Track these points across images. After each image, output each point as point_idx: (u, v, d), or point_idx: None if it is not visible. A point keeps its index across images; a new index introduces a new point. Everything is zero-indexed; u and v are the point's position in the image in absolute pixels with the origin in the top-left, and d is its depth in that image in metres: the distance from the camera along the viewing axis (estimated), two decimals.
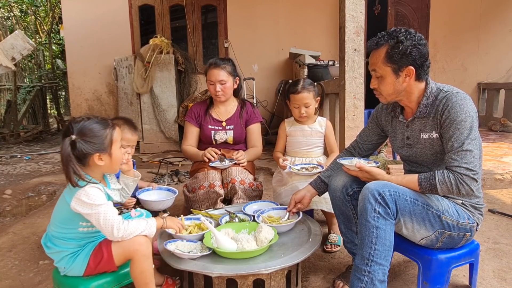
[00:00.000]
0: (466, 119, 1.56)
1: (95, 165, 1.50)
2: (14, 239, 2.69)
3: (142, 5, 6.62)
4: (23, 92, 8.50)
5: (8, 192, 3.82)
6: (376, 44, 1.66)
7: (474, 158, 1.53)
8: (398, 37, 1.61)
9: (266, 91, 6.71)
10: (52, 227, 1.56)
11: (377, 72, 1.68)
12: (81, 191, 1.45)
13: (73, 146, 1.43)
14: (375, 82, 1.72)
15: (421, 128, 1.73)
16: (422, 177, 1.59)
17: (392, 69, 1.64)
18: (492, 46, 7.14)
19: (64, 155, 1.42)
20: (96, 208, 1.45)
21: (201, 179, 2.38)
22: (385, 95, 1.73)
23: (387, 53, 1.62)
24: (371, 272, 1.54)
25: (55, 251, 1.55)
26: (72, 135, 1.43)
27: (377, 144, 2.06)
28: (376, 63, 1.66)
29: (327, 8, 6.71)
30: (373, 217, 1.54)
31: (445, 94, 1.65)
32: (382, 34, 1.67)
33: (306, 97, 2.38)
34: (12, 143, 7.27)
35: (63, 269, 1.56)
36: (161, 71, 5.84)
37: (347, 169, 1.78)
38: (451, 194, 1.58)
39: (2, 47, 4.57)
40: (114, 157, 1.54)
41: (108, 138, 1.50)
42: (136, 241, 1.50)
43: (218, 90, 2.53)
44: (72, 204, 1.45)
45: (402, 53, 1.60)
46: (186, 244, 1.74)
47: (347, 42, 2.93)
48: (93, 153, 1.46)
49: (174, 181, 4.18)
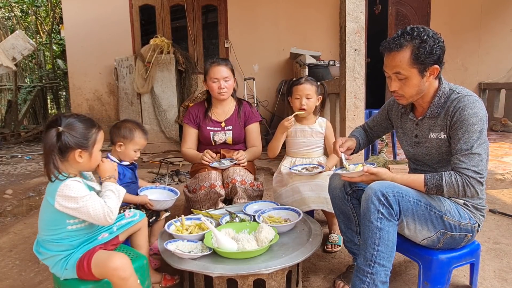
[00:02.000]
0: (476, 122, 1.55)
1: (74, 161, 1.49)
2: (14, 239, 2.69)
3: (143, 5, 6.62)
4: (24, 92, 8.51)
5: (9, 192, 3.82)
6: (399, 46, 1.58)
7: (482, 161, 1.53)
8: (421, 36, 1.56)
9: (266, 91, 6.71)
10: (41, 231, 1.54)
11: (401, 74, 1.61)
12: (62, 186, 1.43)
13: (58, 137, 1.44)
14: (397, 84, 1.66)
15: (430, 127, 1.72)
16: (429, 178, 1.58)
17: (418, 70, 1.59)
18: (492, 46, 7.14)
19: (48, 144, 1.43)
20: (82, 201, 1.43)
21: (201, 180, 2.38)
22: (408, 96, 1.68)
23: (413, 54, 1.56)
24: (374, 273, 1.54)
25: (49, 256, 1.54)
26: (59, 127, 1.44)
27: (385, 133, 2.13)
28: (400, 65, 1.59)
29: (327, 8, 6.70)
30: (376, 218, 1.54)
31: (457, 95, 1.63)
32: (400, 34, 1.60)
33: (309, 89, 2.39)
34: (12, 143, 7.28)
35: (60, 274, 1.54)
36: (161, 71, 5.85)
37: (349, 178, 1.74)
38: (456, 196, 1.58)
39: (3, 47, 4.57)
40: (93, 157, 1.55)
41: (92, 137, 1.52)
42: (111, 267, 1.45)
43: (222, 86, 2.53)
44: (57, 203, 1.44)
45: (429, 53, 1.56)
46: (187, 244, 1.74)
47: (348, 42, 2.93)
48: (75, 148, 1.47)
49: (174, 181, 4.18)
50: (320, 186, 2.25)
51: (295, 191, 2.31)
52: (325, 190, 2.13)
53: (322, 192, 2.23)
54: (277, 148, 2.43)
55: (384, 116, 2.02)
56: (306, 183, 2.29)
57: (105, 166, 1.62)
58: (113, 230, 1.71)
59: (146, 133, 2.17)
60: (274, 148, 2.43)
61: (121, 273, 1.45)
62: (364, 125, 2.18)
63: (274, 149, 2.43)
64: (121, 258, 1.48)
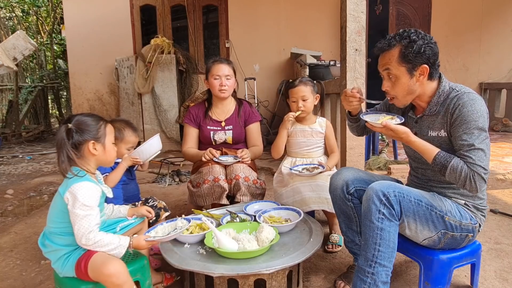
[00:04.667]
0: (477, 119, 1.55)
1: (89, 154, 1.53)
2: (15, 238, 2.70)
3: (144, 5, 6.63)
4: (25, 92, 8.51)
5: (9, 192, 3.83)
6: (388, 45, 1.64)
7: (486, 157, 1.54)
8: (410, 36, 1.61)
9: (267, 91, 6.71)
10: (50, 223, 1.56)
11: (391, 71, 1.65)
12: (78, 185, 1.44)
13: (68, 133, 1.48)
14: (388, 84, 1.70)
15: (429, 125, 1.73)
16: (441, 154, 1.58)
17: (407, 69, 1.63)
18: (493, 46, 7.13)
19: (60, 141, 1.47)
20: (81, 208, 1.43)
21: (205, 173, 2.37)
22: (400, 97, 1.70)
23: (401, 53, 1.61)
24: (375, 274, 1.54)
25: (52, 249, 1.54)
26: (68, 124, 1.50)
27: None
28: (390, 62, 1.64)
29: (328, 8, 6.70)
30: (377, 218, 1.54)
31: (456, 93, 1.64)
32: (392, 35, 1.66)
33: (303, 90, 2.39)
34: (13, 143, 7.28)
35: (60, 271, 1.54)
36: (162, 71, 5.85)
37: (371, 125, 1.72)
38: (455, 183, 1.58)
39: (4, 47, 4.58)
40: (107, 149, 1.58)
41: (102, 128, 1.56)
42: (105, 273, 1.43)
43: (224, 84, 2.54)
44: (65, 196, 1.46)
45: (416, 52, 1.59)
46: (166, 226, 1.79)
47: (348, 42, 2.92)
48: (88, 140, 1.51)
49: (175, 181, 4.18)
50: (320, 186, 2.25)
51: (295, 191, 2.31)
52: (325, 191, 2.14)
53: (322, 193, 2.23)
54: (281, 147, 2.44)
55: (385, 110, 2.00)
56: (307, 183, 2.29)
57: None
58: (116, 230, 1.73)
59: (135, 130, 2.17)
60: (278, 147, 2.43)
61: (115, 280, 1.43)
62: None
63: (278, 148, 2.44)
64: (115, 264, 1.45)
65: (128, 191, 2.16)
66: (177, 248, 1.76)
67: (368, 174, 1.92)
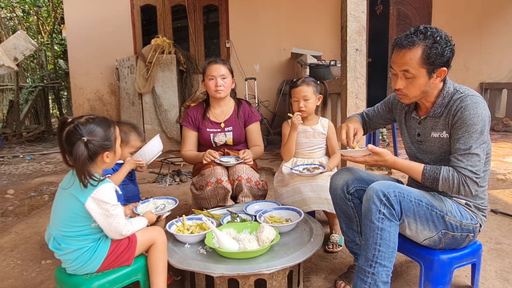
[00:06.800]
0: (477, 123, 1.55)
1: (101, 162, 1.55)
2: (16, 238, 2.70)
3: (144, 5, 6.63)
4: (25, 92, 8.52)
5: (10, 192, 3.83)
6: (412, 43, 1.55)
7: (479, 162, 1.54)
8: (434, 37, 1.54)
9: (268, 91, 6.71)
10: (62, 228, 1.54)
11: (409, 72, 1.58)
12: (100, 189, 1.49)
13: (86, 147, 1.47)
14: (402, 83, 1.63)
15: (432, 126, 1.72)
16: (428, 168, 1.60)
17: (427, 71, 1.58)
18: (494, 46, 7.12)
19: (81, 158, 1.45)
20: (113, 209, 1.51)
21: (208, 176, 2.36)
22: (411, 96, 1.66)
23: (424, 54, 1.54)
24: (375, 274, 1.54)
25: (71, 250, 1.54)
26: (83, 137, 1.46)
27: (383, 125, 2.10)
28: (411, 63, 1.56)
29: (328, 8, 6.70)
30: (377, 219, 1.53)
31: (460, 95, 1.63)
32: (413, 32, 1.57)
33: (305, 90, 2.38)
34: (14, 143, 7.29)
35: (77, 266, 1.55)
36: (162, 71, 5.85)
37: (352, 157, 1.72)
38: (450, 192, 1.59)
39: (4, 47, 4.58)
40: (117, 154, 1.61)
41: (113, 136, 1.56)
42: (156, 230, 1.68)
43: (219, 84, 2.51)
44: (88, 204, 1.47)
45: (440, 55, 1.55)
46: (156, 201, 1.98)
47: (349, 42, 2.92)
48: (103, 152, 1.52)
49: (176, 181, 4.18)
50: (321, 186, 2.25)
51: (296, 191, 2.31)
52: (326, 191, 2.13)
53: (323, 193, 2.23)
54: (293, 150, 2.44)
55: (387, 109, 2.00)
56: (307, 183, 2.29)
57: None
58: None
59: (141, 135, 2.16)
60: (290, 149, 2.43)
61: (163, 237, 1.68)
62: (363, 114, 2.13)
63: (290, 151, 2.44)
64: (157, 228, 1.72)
65: (128, 192, 2.16)
66: (178, 248, 1.76)
67: (369, 174, 1.92)
